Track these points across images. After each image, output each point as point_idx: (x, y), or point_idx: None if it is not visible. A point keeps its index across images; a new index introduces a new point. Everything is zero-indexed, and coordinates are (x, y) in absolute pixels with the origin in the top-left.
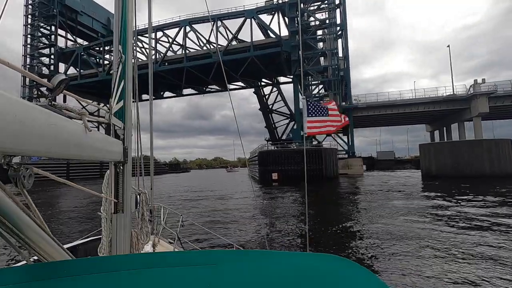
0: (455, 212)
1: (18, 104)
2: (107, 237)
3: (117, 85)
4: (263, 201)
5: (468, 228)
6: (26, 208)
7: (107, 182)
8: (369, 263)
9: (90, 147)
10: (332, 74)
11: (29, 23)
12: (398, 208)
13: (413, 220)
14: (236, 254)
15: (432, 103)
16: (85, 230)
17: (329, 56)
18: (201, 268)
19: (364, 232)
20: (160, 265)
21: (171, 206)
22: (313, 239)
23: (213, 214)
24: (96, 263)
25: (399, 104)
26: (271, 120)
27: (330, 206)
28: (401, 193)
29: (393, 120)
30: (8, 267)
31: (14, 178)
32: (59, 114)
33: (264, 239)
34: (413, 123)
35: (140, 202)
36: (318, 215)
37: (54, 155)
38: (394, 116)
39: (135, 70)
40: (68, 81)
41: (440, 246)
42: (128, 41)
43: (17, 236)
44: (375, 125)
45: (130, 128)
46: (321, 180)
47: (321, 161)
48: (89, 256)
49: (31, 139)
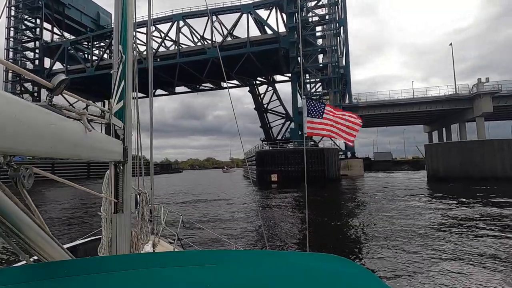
0: (498, 226)
1: (18, 104)
2: (107, 237)
3: (117, 85)
4: (263, 206)
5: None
6: (26, 208)
7: (107, 182)
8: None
9: (90, 147)
10: (332, 71)
11: (12, 15)
12: (424, 221)
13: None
14: (236, 254)
15: (434, 102)
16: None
17: (329, 53)
18: (201, 268)
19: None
20: (160, 265)
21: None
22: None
23: (211, 220)
24: (96, 263)
25: (401, 104)
26: (266, 119)
27: (337, 212)
28: (415, 198)
29: (392, 120)
30: (8, 267)
31: (14, 178)
32: (59, 114)
33: (264, 239)
34: (413, 123)
35: (140, 202)
36: (324, 226)
37: (54, 155)
38: (396, 115)
39: (135, 70)
40: (68, 81)
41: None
42: (128, 41)
43: (17, 236)
44: (375, 125)
45: (130, 128)
46: (323, 181)
47: (323, 161)
48: (89, 256)
49: (31, 139)
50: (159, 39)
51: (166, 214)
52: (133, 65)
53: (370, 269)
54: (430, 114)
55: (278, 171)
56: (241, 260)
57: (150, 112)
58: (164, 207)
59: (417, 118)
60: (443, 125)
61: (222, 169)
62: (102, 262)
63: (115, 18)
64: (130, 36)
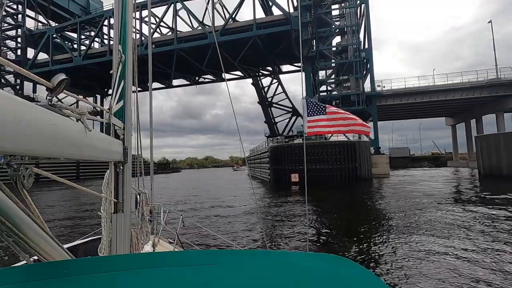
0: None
1: (18, 104)
2: (107, 237)
3: (117, 85)
4: (286, 216)
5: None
6: (26, 208)
7: (107, 182)
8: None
9: (90, 147)
10: (352, 55)
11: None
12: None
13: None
14: (236, 254)
15: (472, 88)
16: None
17: (349, 34)
18: (201, 268)
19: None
20: (160, 265)
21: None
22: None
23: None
24: (96, 263)
25: (432, 91)
26: (270, 114)
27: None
28: (488, 208)
29: (412, 112)
30: (8, 267)
31: (14, 178)
32: (59, 114)
33: (264, 239)
34: (433, 115)
35: (140, 202)
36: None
37: (54, 155)
38: (421, 105)
39: (135, 70)
40: (68, 81)
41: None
42: (128, 41)
43: (17, 236)
44: (391, 118)
45: (130, 128)
46: (356, 182)
47: (355, 157)
48: (89, 256)
49: (31, 139)
50: (153, 25)
51: (166, 214)
52: (133, 65)
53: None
54: (457, 104)
55: (299, 170)
56: (241, 260)
57: (150, 110)
58: (164, 207)
59: (441, 109)
60: (473, 117)
61: (232, 167)
62: (102, 262)
63: (114, 18)
64: (130, 36)
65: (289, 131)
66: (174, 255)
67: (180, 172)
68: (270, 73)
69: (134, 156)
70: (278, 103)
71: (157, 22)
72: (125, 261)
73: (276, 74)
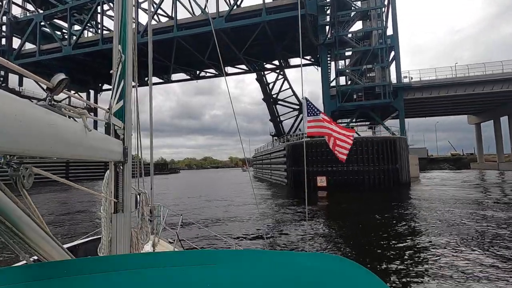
0: None
1: (18, 104)
2: (107, 237)
3: (117, 85)
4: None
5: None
6: (26, 208)
7: (107, 182)
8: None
9: (90, 147)
10: (377, 41)
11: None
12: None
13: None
14: (236, 254)
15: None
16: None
17: (374, 18)
18: (201, 268)
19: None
20: (160, 265)
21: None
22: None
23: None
24: (96, 263)
25: (470, 82)
26: (276, 112)
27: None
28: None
29: (435, 109)
30: (8, 267)
31: (14, 178)
32: (59, 113)
33: (264, 239)
34: (456, 113)
35: (140, 202)
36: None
37: (54, 154)
38: (448, 101)
39: (135, 71)
40: (68, 80)
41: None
42: (128, 41)
43: (17, 236)
44: (423, 114)
45: (130, 128)
46: (397, 186)
47: (395, 157)
48: (89, 256)
49: (31, 139)
50: (150, 12)
51: (166, 214)
52: (133, 66)
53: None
54: (490, 99)
55: (326, 173)
56: (241, 260)
57: (150, 109)
58: (164, 207)
59: (468, 105)
60: (504, 114)
61: (242, 168)
62: (102, 262)
63: (115, 18)
64: (130, 36)
65: (296, 130)
66: (174, 255)
67: (179, 173)
68: (276, 67)
69: (134, 156)
70: (284, 100)
71: (155, 8)
72: (125, 261)
73: (282, 68)
